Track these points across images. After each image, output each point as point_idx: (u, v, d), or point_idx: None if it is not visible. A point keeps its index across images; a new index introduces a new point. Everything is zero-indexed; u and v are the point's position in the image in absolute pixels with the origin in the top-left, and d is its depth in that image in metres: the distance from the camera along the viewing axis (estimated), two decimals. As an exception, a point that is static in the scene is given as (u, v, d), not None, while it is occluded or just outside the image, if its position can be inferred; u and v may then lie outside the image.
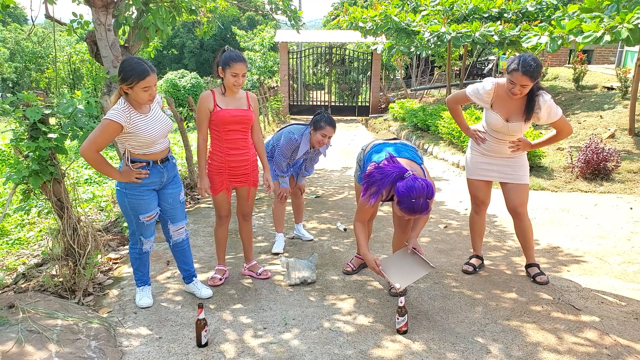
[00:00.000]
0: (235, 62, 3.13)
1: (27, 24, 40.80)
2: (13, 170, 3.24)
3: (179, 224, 3.22)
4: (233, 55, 3.17)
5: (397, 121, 12.89)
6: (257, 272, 3.63)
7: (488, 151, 3.46)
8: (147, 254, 3.19)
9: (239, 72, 3.15)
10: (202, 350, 2.68)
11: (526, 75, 2.99)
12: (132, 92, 2.75)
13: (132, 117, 2.79)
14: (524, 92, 3.09)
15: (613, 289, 3.37)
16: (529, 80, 3.01)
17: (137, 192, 2.94)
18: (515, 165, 3.43)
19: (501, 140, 3.36)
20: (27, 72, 31.78)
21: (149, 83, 2.74)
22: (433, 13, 10.47)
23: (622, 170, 6.14)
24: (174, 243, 3.26)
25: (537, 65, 3.02)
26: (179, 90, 17.34)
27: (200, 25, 7.34)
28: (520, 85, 3.05)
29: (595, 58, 17.36)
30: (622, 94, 9.25)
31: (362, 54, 17.54)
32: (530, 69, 2.98)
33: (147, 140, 2.84)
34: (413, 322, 2.96)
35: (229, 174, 3.34)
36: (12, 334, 2.55)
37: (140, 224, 3.03)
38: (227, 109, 3.22)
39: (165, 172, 3.03)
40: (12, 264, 4.07)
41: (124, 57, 2.87)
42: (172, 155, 3.17)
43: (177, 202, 3.17)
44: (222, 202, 3.43)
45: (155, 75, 2.81)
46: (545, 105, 3.14)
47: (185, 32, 34.91)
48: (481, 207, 3.66)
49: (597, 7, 6.06)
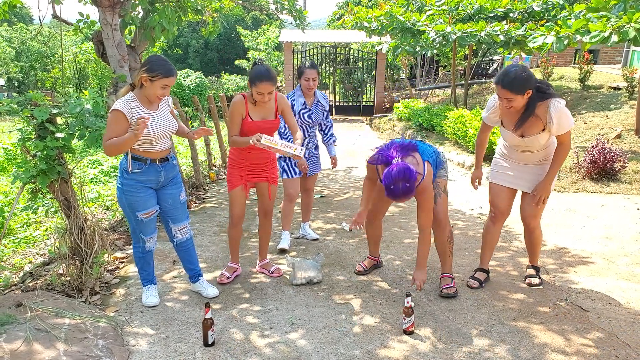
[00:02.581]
0: (261, 82, 3.09)
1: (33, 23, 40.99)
2: (21, 170, 3.25)
3: (181, 224, 3.23)
4: (260, 72, 3.10)
5: (401, 121, 12.87)
6: (270, 270, 3.65)
7: (515, 159, 3.26)
8: (150, 252, 3.20)
9: (264, 91, 3.11)
10: (209, 350, 2.68)
11: (505, 89, 2.84)
12: (151, 85, 2.81)
13: (137, 110, 2.84)
14: (513, 105, 2.90)
15: (621, 290, 3.35)
16: (509, 93, 2.84)
17: (134, 189, 2.96)
18: (542, 173, 3.18)
19: (525, 152, 3.19)
20: (33, 72, 31.93)
21: (170, 82, 2.85)
22: (438, 13, 10.44)
23: (629, 170, 6.10)
24: (177, 243, 3.27)
25: (517, 77, 2.81)
26: (183, 90, 17.37)
27: (206, 25, 7.35)
28: (505, 99, 2.90)
29: (602, 58, 17.28)
30: (629, 94, 9.20)
31: (367, 53, 17.52)
32: (507, 80, 2.82)
33: (146, 136, 2.86)
34: (419, 322, 2.95)
35: (249, 169, 3.38)
36: (20, 332, 2.56)
37: (139, 221, 3.05)
38: (256, 121, 3.25)
39: (163, 172, 3.05)
40: (19, 263, 4.09)
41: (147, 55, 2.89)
42: (174, 156, 3.18)
43: (177, 203, 3.18)
44: (237, 198, 3.40)
45: (175, 78, 2.89)
46: (556, 113, 2.89)
47: (190, 31, 34.98)
48: (499, 217, 3.37)
49: (604, 7, 6.03)
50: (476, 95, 13.51)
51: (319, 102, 4.13)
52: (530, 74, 2.88)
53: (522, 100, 2.90)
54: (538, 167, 3.22)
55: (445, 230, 3.29)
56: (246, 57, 22.21)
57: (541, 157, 3.19)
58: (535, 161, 3.21)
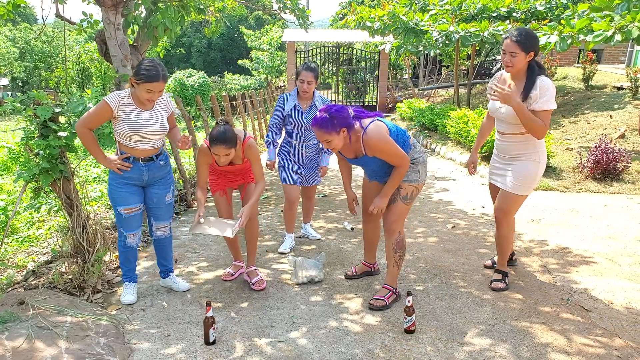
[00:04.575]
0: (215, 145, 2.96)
1: (36, 23, 41.12)
2: (24, 168, 3.27)
3: (162, 222, 3.31)
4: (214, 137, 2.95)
5: (404, 120, 12.86)
6: (252, 281, 3.44)
7: (498, 150, 3.34)
8: (131, 249, 3.23)
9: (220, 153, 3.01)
10: (210, 348, 2.69)
11: (513, 42, 2.95)
12: (138, 87, 2.87)
13: (126, 105, 2.91)
14: (515, 63, 2.98)
15: (623, 290, 3.34)
16: (517, 48, 2.94)
17: (116, 184, 3.04)
18: (514, 170, 3.18)
19: (505, 135, 3.20)
20: (37, 72, 32.07)
21: (153, 87, 2.85)
22: (441, 12, 10.42)
23: (633, 170, 6.08)
24: (156, 238, 3.35)
25: (527, 35, 2.95)
26: (186, 90, 17.41)
27: (209, 24, 7.35)
28: (509, 53, 2.98)
29: (605, 58, 17.21)
30: (633, 93, 9.16)
31: (370, 53, 17.51)
32: (518, 35, 2.94)
33: (127, 132, 2.92)
34: (421, 321, 2.95)
35: (225, 175, 3.39)
36: (22, 330, 2.57)
37: (119, 215, 3.09)
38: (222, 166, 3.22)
39: (147, 172, 3.08)
40: (22, 262, 4.10)
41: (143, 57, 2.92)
42: (166, 157, 3.19)
43: (162, 203, 3.24)
44: (219, 201, 3.44)
45: (163, 83, 2.88)
46: (543, 85, 2.94)
47: (193, 31, 35.06)
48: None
49: (608, 6, 6.00)
50: (479, 95, 13.49)
51: (314, 105, 3.99)
52: (536, 37, 3.00)
53: (523, 60, 2.98)
54: (512, 165, 3.20)
55: (392, 237, 3.09)
56: (249, 57, 22.23)
57: (518, 149, 3.16)
58: (512, 153, 3.19)
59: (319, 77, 4.01)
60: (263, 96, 12.96)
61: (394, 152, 2.90)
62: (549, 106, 2.96)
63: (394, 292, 3.19)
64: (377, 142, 2.86)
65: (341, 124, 2.81)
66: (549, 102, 2.95)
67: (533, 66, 3.01)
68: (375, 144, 2.87)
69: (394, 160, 2.93)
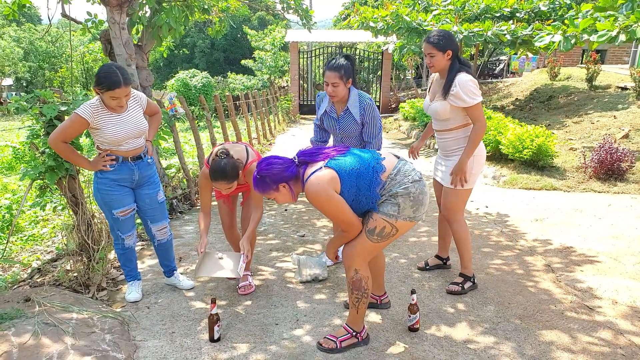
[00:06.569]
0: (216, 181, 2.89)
1: (41, 23, 41.28)
2: (29, 167, 3.29)
3: (160, 223, 3.27)
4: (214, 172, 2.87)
5: (407, 121, 12.85)
6: (239, 285, 3.36)
7: (439, 147, 3.37)
8: (130, 249, 3.23)
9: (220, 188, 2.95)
10: (215, 345, 2.70)
11: (429, 43, 3.06)
12: (103, 96, 2.79)
13: (100, 114, 2.82)
14: (434, 63, 3.08)
15: (627, 289, 3.33)
16: (433, 49, 3.04)
17: (108, 187, 2.98)
18: (451, 165, 3.22)
19: (438, 132, 3.26)
20: (41, 72, 32.19)
21: (117, 94, 2.75)
22: (444, 12, 10.43)
23: (637, 170, 6.06)
24: (158, 243, 3.32)
25: (441, 35, 3.04)
26: (190, 90, 17.46)
27: (212, 24, 7.37)
28: (428, 55, 3.09)
29: (609, 58, 17.18)
30: (637, 94, 9.14)
31: (373, 53, 17.52)
32: (433, 37, 3.05)
33: (111, 139, 2.87)
34: (425, 319, 2.96)
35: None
36: (28, 326, 2.59)
37: (116, 219, 3.07)
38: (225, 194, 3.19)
39: (137, 170, 3.06)
40: (27, 260, 4.13)
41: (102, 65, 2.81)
42: (149, 155, 3.14)
43: (155, 203, 3.21)
44: (222, 207, 3.40)
45: (127, 88, 2.78)
46: (460, 81, 2.99)
47: (196, 31, 35.11)
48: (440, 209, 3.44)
49: (612, 6, 6.00)
50: (482, 95, 13.47)
51: (348, 111, 3.35)
52: (452, 36, 3.10)
53: (442, 59, 3.07)
54: (451, 160, 3.24)
55: (348, 275, 2.57)
56: (252, 57, 22.28)
57: (452, 145, 3.22)
58: (449, 149, 3.26)
59: (353, 74, 3.32)
60: (266, 96, 12.98)
61: (334, 215, 2.42)
62: (475, 100, 3.03)
63: (353, 336, 2.65)
64: (313, 201, 2.37)
65: (275, 181, 2.42)
66: (473, 97, 3.02)
67: (454, 64, 3.08)
68: (312, 202, 2.39)
69: (338, 222, 2.51)
